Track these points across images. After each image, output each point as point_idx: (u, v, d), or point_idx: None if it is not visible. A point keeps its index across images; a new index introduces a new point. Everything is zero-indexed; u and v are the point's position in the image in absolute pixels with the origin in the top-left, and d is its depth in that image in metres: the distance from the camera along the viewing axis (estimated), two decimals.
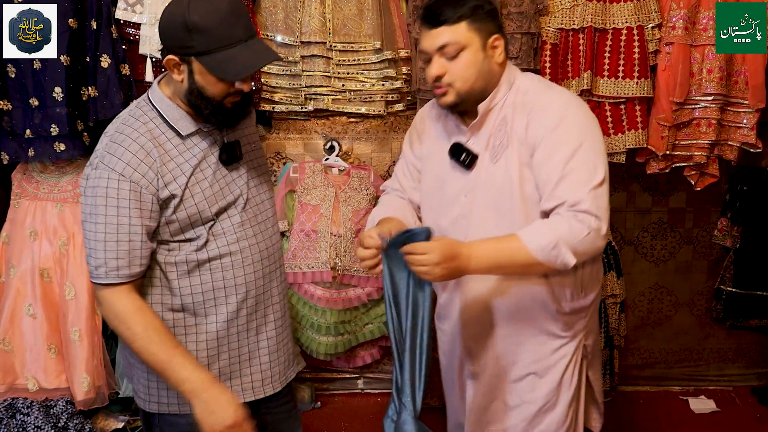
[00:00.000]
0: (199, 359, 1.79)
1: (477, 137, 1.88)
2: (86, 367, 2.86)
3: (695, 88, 3.09)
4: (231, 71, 1.62)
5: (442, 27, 1.77)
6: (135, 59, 2.98)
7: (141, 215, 1.64)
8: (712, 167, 3.25)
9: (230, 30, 1.61)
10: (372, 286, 3.26)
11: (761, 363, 3.76)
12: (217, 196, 1.75)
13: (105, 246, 1.63)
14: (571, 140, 1.73)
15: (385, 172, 3.43)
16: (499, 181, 1.82)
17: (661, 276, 3.67)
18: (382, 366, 3.56)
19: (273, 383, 1.93)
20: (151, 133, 1.68)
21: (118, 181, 1.62)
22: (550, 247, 1.66)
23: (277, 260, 1.93)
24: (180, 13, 1.59)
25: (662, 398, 3.63)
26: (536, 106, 1.81)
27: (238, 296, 1.81)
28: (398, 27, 3.20)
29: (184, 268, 1.75)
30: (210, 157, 1.75)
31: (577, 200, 1.68)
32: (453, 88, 1.81)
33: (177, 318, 1.79)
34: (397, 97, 3.25)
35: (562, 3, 3.07)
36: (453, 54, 1.78)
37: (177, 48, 1.63)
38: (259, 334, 1.89)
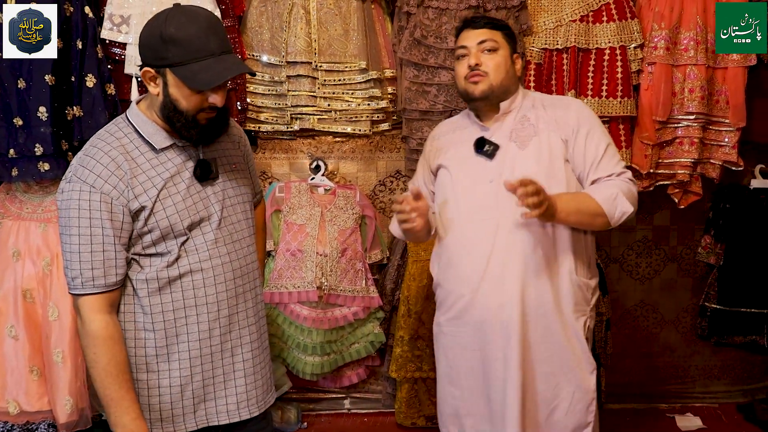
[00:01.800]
0: (172, 380, 1.80)
1: (500, 132, 2.21)
2: (69, 389, 2.82)
3: (677, 107, 3.13)
4: (202, 81, 1.66)
5: (484, 28, 2.20)
6: (120, 79, 2.98)
7: (113, 226, 1.67)
8: (695, 185, 3.28)
9: (205, 43, 1.66)
10: (358, 305, 3.25)
11: (746, 380, 3.78)
12: (189, 210, 1.76)
13: (80, 257, 1.67)
14: (596, 129, 2.18)
15: (371, 192, 3.44)
16: (528, 162, 2.13)
17: (646, 293, 3.69)
18: (368, 386, 3.55)
19: (249, 407, 1.91)
20: (123, 147, 1.72)
21: (89, 193, 1.66)
22: (612, 198, 2.07)
23: (252, 281, 1.93)
24: (158, 26, 1.66)
25: (649, 416, 3.63)
26: (558, 105, 2.23)
27: (209, 315, 1.81)
28: (383, 47, 3.23)
29: (155, 285, 1.76)
30: (184, 172, 1.78)
31: (622, 172, 2.15)
32: (488, 78, 2.16)
33: (148, 338, 1.79)
34: (382, 116, 3.26)
35: (545, 23, 3.11)
36: (491, 48, 2.17)
37: (153, 60, 1.68)
38: (234, 356, 1.88)
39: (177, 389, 1.81)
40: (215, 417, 1.86)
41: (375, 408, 3.56)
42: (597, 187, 2.12)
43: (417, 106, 3.17)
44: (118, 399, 1.69)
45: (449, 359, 2.30)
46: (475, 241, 2.16)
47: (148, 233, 1.73)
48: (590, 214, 2.08)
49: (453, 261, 2.22)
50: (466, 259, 2.17)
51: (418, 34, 3.10)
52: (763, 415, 3.54)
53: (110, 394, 1.68)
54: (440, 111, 3.16)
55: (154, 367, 1.80)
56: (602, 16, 3.10)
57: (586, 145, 2.15)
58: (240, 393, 1.88)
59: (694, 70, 3.09)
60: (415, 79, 3.15)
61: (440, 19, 3.11)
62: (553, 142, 2.15)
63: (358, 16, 3.13)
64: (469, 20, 2.25)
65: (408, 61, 3.14)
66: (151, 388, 1.80)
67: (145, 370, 1.80)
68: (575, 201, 2.08)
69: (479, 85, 2.16)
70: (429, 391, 3.31)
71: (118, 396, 1.69)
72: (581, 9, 3.09)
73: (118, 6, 2.92)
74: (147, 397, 1.80)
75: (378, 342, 3.35)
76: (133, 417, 1.69)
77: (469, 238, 2.17)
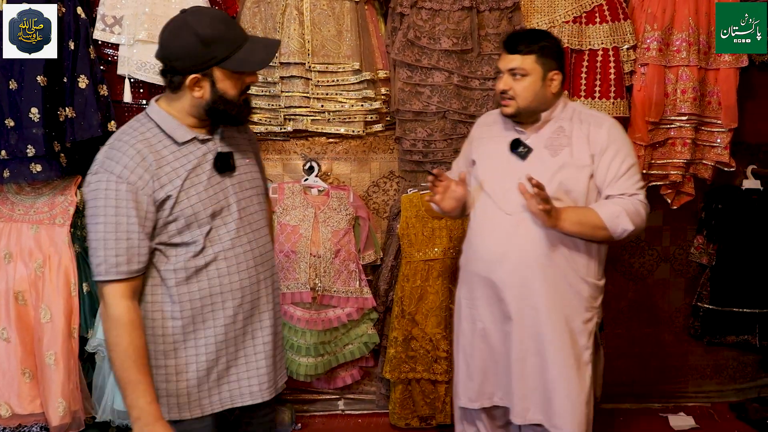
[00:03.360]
0: (199, 365, 1.87)
1: (536, 137, 2.36)
2: (62, 392, 2.81)
3: (670, 108, 3.15)
4: (254, 62, 1.83)
5: (516, 54, 2.30)
6: (113, 80, 2.97)
7: (138, 215, 1.73)
8: (688, 186, 3.30)
9: (235, 33, 1.82)
10: (352, 306, 3.25)
11: (738, 379, 3.80)
12: (211, 199, 1.84)
13: (105, 244, 1.72)
14: (623, 150, 2.33)
15: (365, 192, 3.43)
16: (555, 169, 2.31)
17: (639, 294, 3.70)
18: (362, 387, 3.54)
19: (269, 389, 1.99)
20: (147, 140, 1.79)
21: (116, 183, 1.72)
22: (615, 215, 2.23)
23: (269, 268, 2.01)
24: (190, 35, 1.75)
25: (642, 415, 3.64)
26: (592, 122, 2.36)
27: (233, 301, 1.89)
28: (377, 48, 3.23)
29: (182, 275, 1.83)
30: (205, 164, 1.85)
31: (635, 193, 2.32)
32: (515, 102, 2.32)
33: (176, 326, 1.85)
34: (376, 117, 3.26)
35: (539, 25, 3.12)
36: (520, 74, 2.29)
37: (198, 65, 1.77)
38: (255, 339, 1.96)
39: (203, 373, 1.88)
40: (239, 398, 1.94)
41: (369, 409, 3.56)
42: (605, 203, 2.30)
43: (410, 107, 3.17)
44: (135, 382, 1.74)
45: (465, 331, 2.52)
46: (497, 229, 2.36)
47: (173, 222, 1.79)
48: (592, 226, 2.25)
49: (476, 244, 2.44)
50: (487, 243, 2.38)
51: (412, 35, 3.10)
52: (755, 415, 3.55)
53: (128, 376, 1.74)
54: (433, 112, 3.17)
55: (182, 353, 1.86)
56: (595, 17, 3.11)
57: (611, 163, 2.31)
58: (261, 375, 1.96)
59: (687, 71, 3.11)
60: (408, 80, 3.15)
61: (433, 20, 3.11)
62: (582, 156, 2.32)
63: (352, 17, 3.13)
64: (505, 41, 2.36)
65: (401, 62, 3.14)
66: (178, 374, 1.86)
67: (173, 356, 1.86)
68: (579, 214, 2.26)
69: (508, 108, 2.34)
70: (423, 391, 3.31)
71: (135, 379, 1.74)
72: (574, 10, 3.10)
73: (110, 7, 2.91)
74: (174, 382, 1.86)
75: (372, 343, 3.35)
76: (149, 401, 1.75)
77: (492, 226, 2.37)
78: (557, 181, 2.29)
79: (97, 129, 2.81)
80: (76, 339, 2.89)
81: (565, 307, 2.35)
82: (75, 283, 2.90)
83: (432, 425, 3.36)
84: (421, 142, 3.20)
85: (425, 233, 3.25)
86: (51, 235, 2.90)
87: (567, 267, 2.34)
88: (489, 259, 2.37)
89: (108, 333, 1.76)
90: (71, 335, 2.88)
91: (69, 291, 2.89)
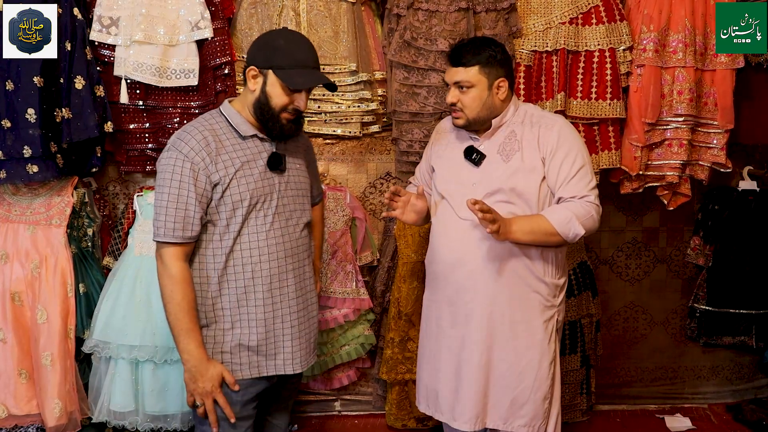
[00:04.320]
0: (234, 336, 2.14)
1: (489, 143, 2.40)
2: (58, 392, 2.82)
3: (666, 109, 3.15)
4: (297, 82, 2.07)
5: (459, 67, 2.33)
6: (110, 81, 2.97)
7: (196, 190, 2.03)
8: (684, 187, 3.30)
9: (304, 56, 2.10)
10: (348, 307, 3.25)
11: (735, 380, 3.80)
12: (257, 190, 2.10)
13: (166, 212, 2.02)
14: (573, 151, 2.32)
15: (361, 193, 3.44)
16: (508, 173, 2.33)
17: (636, 295, 3.70)
18: (359, 388, 3.54)
19: (294, 365, 2.23)
20: (214, 130, 2.10)
21: (182, 161, 2.02)
22: (567, 221, 2.25)
23: (297, 261, 2.24)
24: (271, 38, 2.13)
25: (639, 417, 3.65)
26: (542, 124, 2.37)
27: (264, 286, 2.14)
28: (373, 49, 3.23)
29: (220, 253, 2.11)
30: (259, 160, 2.14)
31: (585, 195, 2.31)
32: (464, 114, 2.36)
33: (222, 303, 2.14)
34: (372, 118, 3.27)
35: (535, 26, 3.12)
36: (466, 86, 2.33)
37: (261, 61, 2.09)
38: (284, 322, 2.20)
39: (235, 344, 2.15)
40: (264, 370, 2.19)
41: (365, 410, 3.56)
42: (555, 208, 2.31)
43: (407, 108, 3.17)
44: (187, 330, 2.04)
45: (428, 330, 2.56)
46: (454, 234, 2.39)
47: (223, 204, 2.07)
48: (543, 233, 2.27)
49: (436, 248, 2.47)
50: (446, 247, 2.42)
51: (408, 36, 3.10)
52: (752, 416, 3.56)
53: (182, 325, 2.04)
54: (430, 113, 3.17)
55: (219, 324, 2.14)
56: (591, 18, 3.11)
57: (561, 165, 2.31)
58: (287, 353, 2.20)
59: (683, 72, 3.11)
60: (405, 81, 3.16)
61: (430, 21, 3.11)
62: (532, 159, 2.33)
63: (348, 18, 3.13)
64: (450, 53, 2.38)
65: (398, 63, 3.14)
66: (216, 344, 2.14)
67: (214, 328, 2.14)
68: (530, 223, 2.27)
69: (458, 120, 2.39)
70: None
71: (187, 327, 2.04)
72: (570, 11, 3.10)
73: (107, 8, 2.91)
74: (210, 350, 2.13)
75: (368, 344, 3.35)
76: (197, 345, 2.05)
77: (450, 230, 2.41)
78: (510, 186, 2.32)
79: (94, 130, 2.81)
80: (73, 340, 2.89)
81: (524, 308, 2.37)
82: (71, 283, 2.90)
83: (428, 426, 3.36)
84: (418, 143, 3.20)
85: (422, 234, 3.26)
86: (47, 236, 2.90)
87: (524, 269, 2.35)
88: (447, 263, 2.41)
89: (164, 288, 2.05)
90: (67, 336, 2.88)
91: (65, 292, 2.90)
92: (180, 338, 2.06)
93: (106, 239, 3.16)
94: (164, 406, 2.91)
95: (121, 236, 3.09)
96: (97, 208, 3.13)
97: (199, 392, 2.09)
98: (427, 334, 2.58)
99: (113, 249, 3.10)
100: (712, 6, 3.11)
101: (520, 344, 2.37)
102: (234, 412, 2.13)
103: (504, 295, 2.35)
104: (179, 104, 3.03)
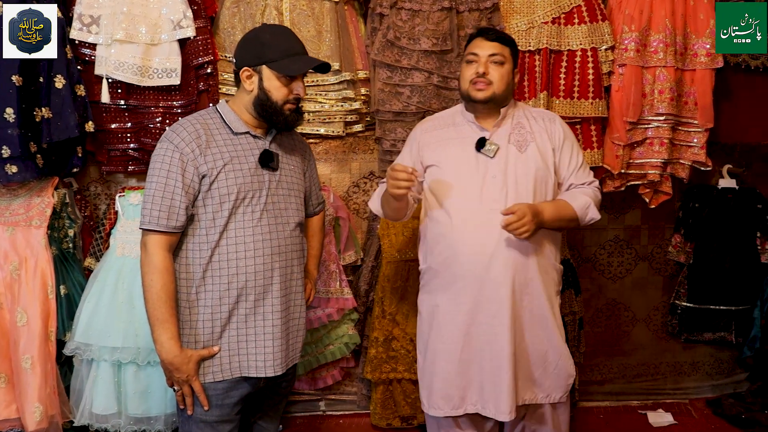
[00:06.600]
0: (214, 329, 2.13)
1: (498, 134, 2.43)
2: (39, 396, 2.78)
3: (648, 109, 3.18)
4: (293, 69, 2.12)
5: (496, 42, 2.40)
6: (91, 80, 2.94)
7: (183, 180, 2.05)
8: (666, 185, 3.33)
9: (291, 45, 2.14)
10: (332, 307, 3.24)
11: (715, 375, 3.85)
12: (246, 186, 2.12)
13: (153, 200, 2.05)
14: (576, 143, 2.53)
15: (345, 193, 3.43)
16: (528, 163, 2.40)
17: (618, 292, 3.73)
18: (343, 387, 3.54)
19: (275, 366, 2.19)
20: (207, 124, 2.14)
21: (172, 151, 2.06)
22: (585, 206, 2.42)
23: (285, 260, 2.23)
24: (255, 36, 2.16)
25: (622, 413, 3.68)
26: (545, 117, 2.51)
27: (247, 282, 2.13)
28: (356, 48, 3.22)
29: (205, 247, 2.11)
30: (251, 156, 2.16)
31: (593, 181, 2.52)
32: (492, 86, 2.38)
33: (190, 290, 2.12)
34: (356, 118, 3.26)
35: (518, 25, 3.13)
36: (499, 62, 2.38)
37: (252, 60, 2.13)
38: (265, 320, 2.18)
39: (217, 338, 2.14)
40: (246, 370, 2.17)
41: (350, 409, 3.56)
42: (573, 194, 2.45)
43: (390, 108, 3.17)
44: (163, 320, 2.05)
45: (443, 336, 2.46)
46: (482, 228, 2.36)
47: (210, 197, 2.09)
48: (567, 219, 2.40)
49: (459, 245, 2.39)
50: (473, 244, 2.37)
51: (391, 36, 3.10)
52: (731, 410, 3.61)
53: (158, 315, 2.04)
54: (413, 112, 3.17)
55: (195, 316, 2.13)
56: (573, 18, 3.13)
57: (570, 155, 2.47)
58: (267, 353, 2.18)
59: (664, 71, 3.14)
60: (388, 81, 3.15)
61: (413, 20, 3.11)
62: (547, 150, 2.43)
63: (331, 18, 3.12)
64: (483, 30, 2.47)
65: (381, 62, 3.14)
66: (197, 342, 2.13)
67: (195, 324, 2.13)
68: (557, 210, 2.37)
69: (484, 92, 2.38)
70: (404, 391, 3.32)
71: (163, 318, 2.04)
72: (553, 11, 3.12)
73: (87, 6, 2.88)
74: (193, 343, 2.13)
75: (352, 343, 3.35)
76: (169, 337, 2.05)
77: (476, 226, 2.36)
78: (532, 176, 2.38)
79: (74, 130, 2.78)
80: (54, 342, 2.86)
81: (546, 294, 2.43)
82: (52, 285, 2.87)
83: (413, 425, 3.36)
84: (401, 143, 3.20)
85: (405, 233, 3.26)
86: (27, 237, 2.86)
87: (543, 258, 2.42)
88: (479, 259, 2.36)
89: (145, 276, 2.06)
90: (48, 338, 2.84)
91: (46, 294, 2.86)
92: (155, 328, 2.07)
93: (87, 240, 3.12)
94: (147, 408, 2.88)
95: (102, 237, 3.06)
96: (79, 208, 3.10)
97: (174, 380, 2.11)
98: (449, 337, 2.44)
99: (95, 250, 3.07)
100: (691, 7, 3.15)
101: (549, 326, 2.44)
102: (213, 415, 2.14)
103: (532, 284, 2.39)
104: (161, 104, 3.00)
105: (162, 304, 2.04)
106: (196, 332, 2.12)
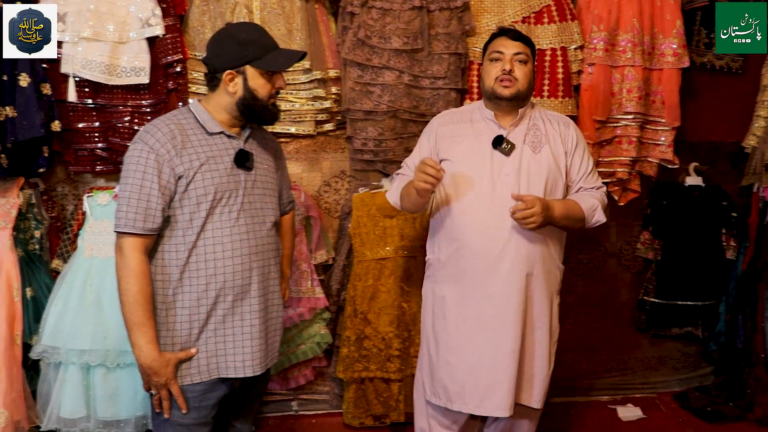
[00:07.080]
0: (192, 330, 2.11)
1: (515, 133, 2.47)
2: (4, 401, 2.72)
3: (616, 107, 3.22)
4: (278, 64, 2.13)
5: (519, 42, 2.46)
6: (57, 78, 2.88)
7: (159, 182, 2.02)
8: (634, 183, 3.38)
9: (268, 40, 2.15)
10: (304, 306, 3.23)
11: (682, 369, 3.92)
12: (222, 186, 2.10)
13: (128, 202, 2.01)
14: (587, 148, 2.60)
15: (316, 192, 3.42)
16: (541, 165, 2.45)
17: (587, 289, 3.77)
18: (315, 387, 3.53)
19: (253, 366, 2.18)
20: (181, 125, 2.11)
21: (147, 153, 2.02)
22: (593, 208, 2.49)
23: (263, 260, 2.22)
24: (229, 37, 2.12)
25: (592, 408, 3.73)
26: (560, 121, 2.57)
27: (226, 282, 2.12)
28: (327, 47, 3.21)
29: (183, 248, 2.08)
30: (226, 156, 2.14)
31: (601, 186, 2.60)
32: (517, 83, 2.43)
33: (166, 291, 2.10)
34: (326, 116, 3.25)
35: (488, 24, 3.15)
36: (523, 60, 2.44)
37: (233, 62, 2.10)
38: (243, 320, 2.17)
39: (194, 339, 2.12)
40: (224, 371, 2.15)
41: (322, 409, 3.55)
42: (582, 196, 2.52)
43: (361, 106, 3.16)
44: (140, 324, 2.02)
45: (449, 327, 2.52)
46: (492, 224, 2.41)
47: (186, 198, 2.06)
48: (576, 219, 2.47)
49: (468, 240, 2.45)
50: (482, 239, 2.42)
51: (362, 35, 3.10)
52: (697, 403, 3.67)
53: (134, 318, 2.01)
54: (384, 111, 3.17)
55: (172, 317, 2.10)
56: (543, 17, 3.16)
57: (582, 160, 2.54)
58: (246, 353, 2.16)
59: (632, 71, 3.18)
60: (359, 80, 3.15)
61: (384, 19, 3.11)
62: (560, 153, 2.49)
63: (302, 16, 3.11)
64: (506, 30, 2.53)
65: (352, 61, 3.13)
66: (174, 344, 2.11)
67: (172, 327, 2.11)
68: (567, 208, 2.43)
69: (509, 89, 2.43)
70: (376, 390, 3.32)
71: (140, 321, 2.02)
72: (523, 10, 3.15)
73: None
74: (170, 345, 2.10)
75: (324, 343, 3.34)
76: (147, 341, 2.03)
77: (487, 221, 2.41)
78: (544, 177, 2.43)
79: (40, 129, 2.73)
80: (20, 346, 2.80)
81: (549, 293, 2.51)
82: (18, 288, 2.81)
83: (386, 423, 3.36)
84: (372, 141, 3.20)
85: (377, 232, 3.26)
86: None
87: (549, 255, 2.48)
88: (488, 255, 2.41)
89: (121, 280, 2.03)
90: (14, 342, 2.79)
91: (11, 296, 2.80)
92: (132, 332, 2.03)
93: (54, 241, 3.07)
94: (116, 411, 2.85)
95: (70, 238, 3.01)
96: (45, 209, 3.04)
97: (153, 383, 2.08)
98: (455, 330, 2.50)
99: (62, 251, 3.02)
100: (658, 8, 3.20)
101: (549, 328, 2.52)
102: (190, 418, 2.13)
103: (538, 282, 2.45)
104: (130, 103, 2.96)
105: (139, 308, 2.01)
106: (174, 334, 2.10)
